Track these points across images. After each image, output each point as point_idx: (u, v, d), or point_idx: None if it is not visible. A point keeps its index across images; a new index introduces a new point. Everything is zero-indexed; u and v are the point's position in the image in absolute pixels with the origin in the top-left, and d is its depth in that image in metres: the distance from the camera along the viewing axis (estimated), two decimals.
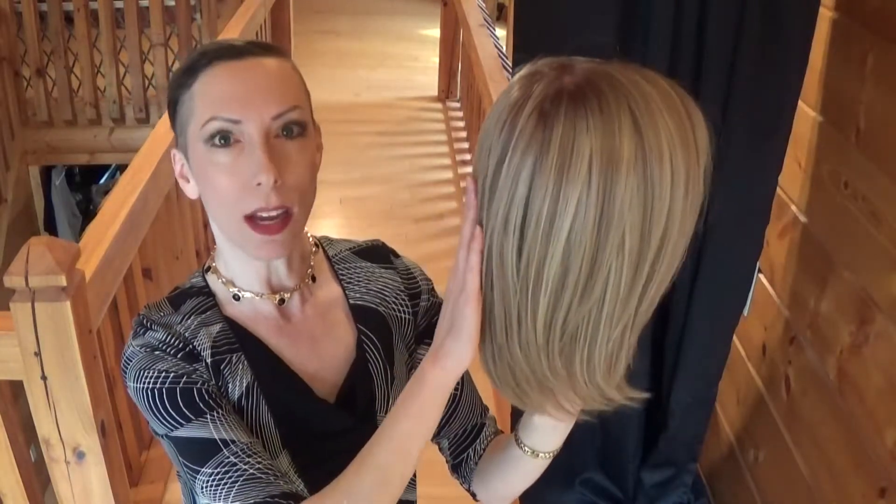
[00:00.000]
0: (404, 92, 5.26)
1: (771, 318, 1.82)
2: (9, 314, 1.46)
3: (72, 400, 1.53)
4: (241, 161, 0.82)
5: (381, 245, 1.05)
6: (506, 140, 0.66)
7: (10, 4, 4.10)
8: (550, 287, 0.67)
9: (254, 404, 0.89)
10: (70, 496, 1.63)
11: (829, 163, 1.59)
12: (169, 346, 0.87)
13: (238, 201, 0.82)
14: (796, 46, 1.46)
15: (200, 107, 0.83)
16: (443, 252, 3.37)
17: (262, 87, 0.83)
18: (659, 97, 0.65)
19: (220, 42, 0.87)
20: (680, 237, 0.67)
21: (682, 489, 1.89)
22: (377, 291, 0.99)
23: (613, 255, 0.65)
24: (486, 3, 4.80)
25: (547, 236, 0.65)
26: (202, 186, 0.86)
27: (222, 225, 0.87)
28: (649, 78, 0.66)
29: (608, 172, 0.63)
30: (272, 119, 0.82)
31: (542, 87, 0.66)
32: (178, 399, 0.84)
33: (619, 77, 0.65)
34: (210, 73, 0.83)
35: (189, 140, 0.85)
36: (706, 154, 0.67)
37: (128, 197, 1.99)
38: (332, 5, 7.41)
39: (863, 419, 1.41)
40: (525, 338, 0.71)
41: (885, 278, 1.36)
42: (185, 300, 0.92)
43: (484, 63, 3.36)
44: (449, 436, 1.03)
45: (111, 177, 5.95)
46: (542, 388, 0.76)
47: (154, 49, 4.25)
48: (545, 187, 0.64)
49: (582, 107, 0.63)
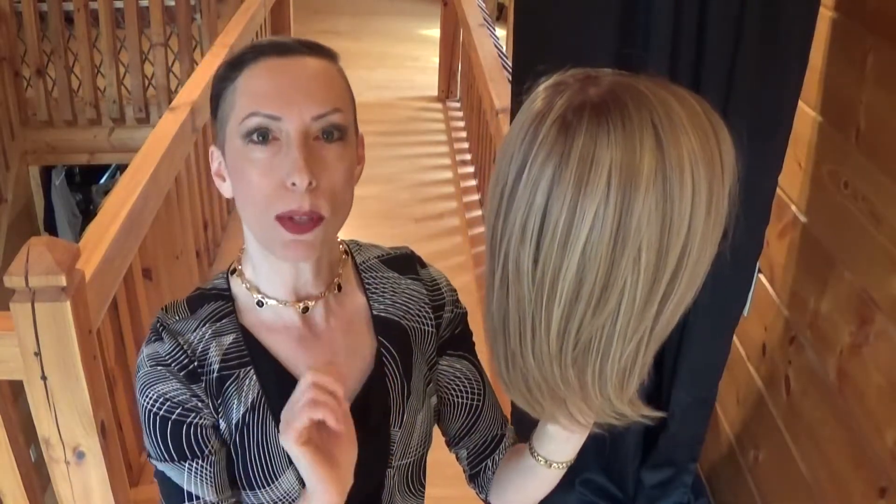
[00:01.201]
0: (404, 92, 5.27)
1: (771, 318, 1.82)
2: (9, 314, 1.46)
3: (72, 400, 1.53)
4: (277, 160, 0.80)
5: (410, 254, 1.03)
6: (527, 149, 0.66)
7: (10, 4, 4.10)
8: (565, 298, 0.67)
9: (259, 420, 0.88)
10: (70, 496, 1.63)
11: (829, 163, 1.59)
12: (174, 361, 0.87)
13: (271, 201, 0.80)
14: (796, 46, 1.46)
15: (241, 102, 0.82)
16: (443, 252, 3.37)
17: (305, 86, 0.81)
18: (684, 114, 0.64)
19: (269, 39, 0.86)
20: (701, 256, 0.66)
21: (682, 489, 1.89)
22: (402, 304, 0.97)
23: (629, 270, 0.65)
24: (486, 3, 4.80)
25: (563, 247, 0.65)
26: (236, 183, 0.84)
27: (252, 225, 0.86)
28: (677, 94, 0.66)
29: (627, 187, 0.62)
30: (312, 119, 0.80)
31: (567, 97, 0.66)
32: (168, 432, 0.86)
33: (645, 91, 0.65)
34: (254, 69, 0.82)
35: (227, 135, 0.84)
36: (732, 174, 0.66)
37: (128, 197, 1.99)
38: (332, 5, 7.41)
39: (863, 419, 1.41)
40: (538, 346, 0.71)
41: (885, 278, 1.36)
42: (203, 304, 0.91)
43: (484, 63, 3.36)
44: (468, 446, 1.02)
45: (111, 177, 5.95)
46: (554, 398, 0.75)
47: (154, 49, 4.25)
48: (563, 198, 0.63)
49: (605, 119, 0.63)
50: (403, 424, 0.94)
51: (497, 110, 2.89)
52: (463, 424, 1.01)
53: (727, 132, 0.67)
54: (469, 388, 1.01)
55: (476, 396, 1.01)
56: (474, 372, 1.01)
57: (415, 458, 0.98)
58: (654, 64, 1.43)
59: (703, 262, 0.67)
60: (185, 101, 2.61)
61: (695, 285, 0.69)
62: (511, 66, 2.32)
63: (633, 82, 0.66)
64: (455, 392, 1.00)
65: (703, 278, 0.69)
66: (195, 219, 2.89)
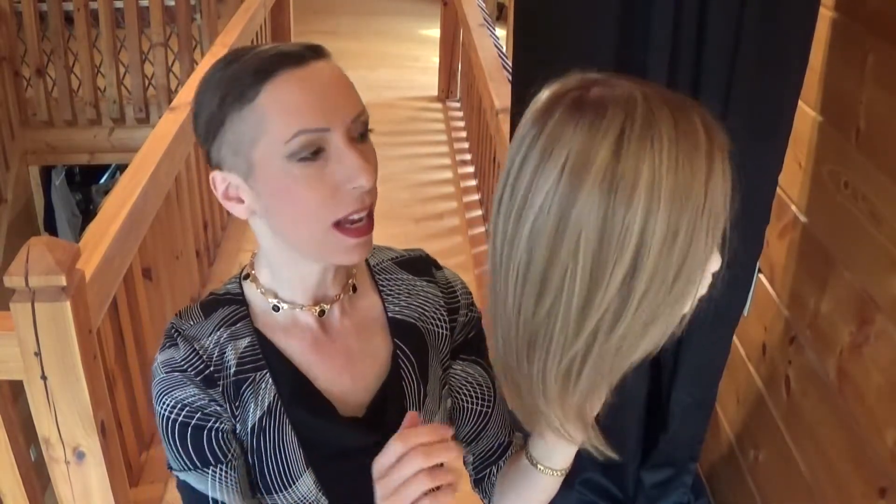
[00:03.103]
0: (404, 92, 5.27)
1: (771, 318, 1.82)
2: (9, 314, 1.46)
3: (72, 400, 1.53)
4: (328, 169, 0.79)
5: (424, 256, 1.02)
6: (524, 131, 0.69)
7: (10, 4, 4.10)
8: (517, 275, 0.69)
9: (276, 423, 0.88)
10: (70, 496, 1.63)
11: (829, 163, 1.59)
12: (191, 366, 0.86)
13: (325, 210, 0.79)
14: (796, 46, 1.46)
15: (278, 122, 0.77)
16: (442, 252, 3.37)
17: (335, 92, 0.80)
18: (672, 137, 0.63)
19: (268, 51, 0.80)
20: (654, 291, 0.65)
21: (682, 489, 1.89)
22: (417, 306, 0.97)
23: (570, 258, 0.65)
24: (486, 3, 4.80)
25: (519, 214, 0.67)
26: (278, 204, 0.81)
27: (302, 237, 0.83)
28: (682, 121, 0.64)
29: (576, 175, 0.64)
30: (352, 122, 0.80)
31: (565, 89, 0.68)
32: (188, 439, 0.85)
33: (641, 102, 0.64)
34: (277, 85, 0.77)
35: (259, 159, 0.79)
36: (718, 209, 0.65)
37: (128, 197, 1.99)
38: (332, 5, 7.41)
39: (863, 419, 1.41)
40: (504, 325, 0.73)
41: (885, 278, 1.36)
42: (217, 308, 0.91)
43: (484, 63, 3.36)
44: (475, 452, 1.02)
45: (111, 177, 5.95)
46: (518, 391, 0.76)
47: (154, 49, 4.25)
48: (527, 173, 0.66)
49: (583, 111, 0.65)
50: None
51: (497, 110, 2.89)
52: (472, 430, 1.00)
53: (727, 175, 0.66)
54: (480, 394, 1.00)
55: (486, 403, 1.00)
56: (486, 378, 1.01)
57: None
58: (654, 64, 1.44)
59: (657, 300, 0.65)
60: (185, 101, 2.61)
61: (651, 324, 0.67)
62: (511, 66, 2.32)
63: (638, 92, 0.66)
64: (465, 397, 0.99)
65: (665, 323, 0.67)
66: (195, 219, 2.89)
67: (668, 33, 1.43)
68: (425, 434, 0.72)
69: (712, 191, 0.64)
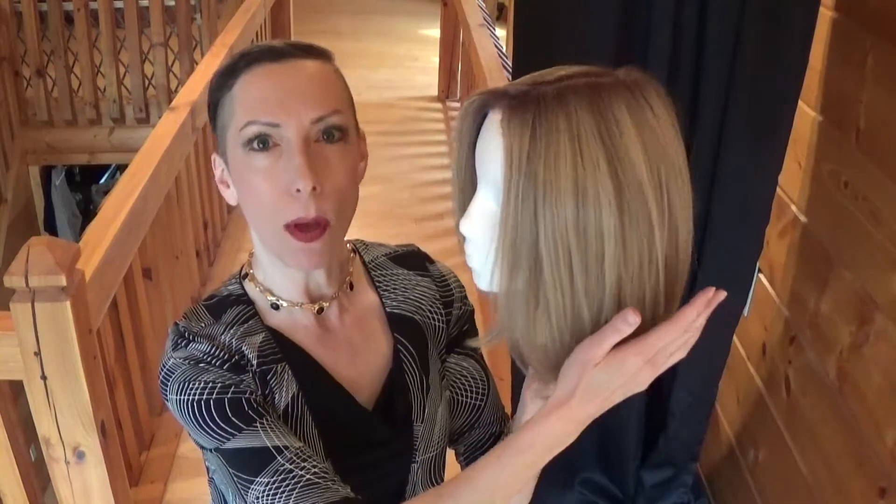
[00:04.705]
0: (404, 92, 5.27)
1: (771, 318, 1.82)
2: (9, 314, 1.46)
3: (72, 400, 1.53)
4: (279, 166, 0.80)
5: (417, 251, 1.04)
6: None
7: (10, 4, 4.10)
8: None
9: (299, 414, 0.88)
10: (70, 496, 1.63)
11: (829, 163, 1.59)
12: (214, 358, 0.85)
13: (277, 209, 0.81)
14: (796, 46, 1.46)
15: (239, 110, 0.81)
16: (443, 252, 3.35)
17: (302, 91, 0.81)
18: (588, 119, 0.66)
19: (261, 44, 0.85)
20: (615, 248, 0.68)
21: (682, 489, 1.89)
22: (414, 300, 0.98)
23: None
24: (486, 3, 4.80)
25: None
26: (241, 192, 0.85)
27: (262, 232, 0.86)
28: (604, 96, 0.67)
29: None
30: (312, 123, 0.80)
31: None
32: (227, 409, 0.82)
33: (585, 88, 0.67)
34: (249, 76, 0.82)
35: (228, 144, 0.84)
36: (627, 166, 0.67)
37: (128, 197, 1.99)
38: (332, 5, 7.41)
39: (863, 419, 1.41)
40: None
41: (885, 278, 1.36)
42: (225, 309, 0.91)
43: (484, 63, 3.36)
44: (467, 442, 1.03)
45: (111, 177, 5.95)
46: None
47: (154, 49, 4.25)
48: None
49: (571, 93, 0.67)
50: (426, 419, 0.95)
51: None
52: (465, 422, 1.02)
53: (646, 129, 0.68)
54: (474, 387, 1.01)
55: (480, 396, 1.01)
56: (480, 371, 1.02)
57: (437, 451, 0.98)
58: (655, 64, 1.44)
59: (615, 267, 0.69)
60: (185, 101, 2.61)
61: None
62: (511, 66, 2.32)
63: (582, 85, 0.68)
64: (460, 390, 1.01)
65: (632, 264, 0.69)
66: (195, 219, 2.89)
67: (669, 34, 1.43)
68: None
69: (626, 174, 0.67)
